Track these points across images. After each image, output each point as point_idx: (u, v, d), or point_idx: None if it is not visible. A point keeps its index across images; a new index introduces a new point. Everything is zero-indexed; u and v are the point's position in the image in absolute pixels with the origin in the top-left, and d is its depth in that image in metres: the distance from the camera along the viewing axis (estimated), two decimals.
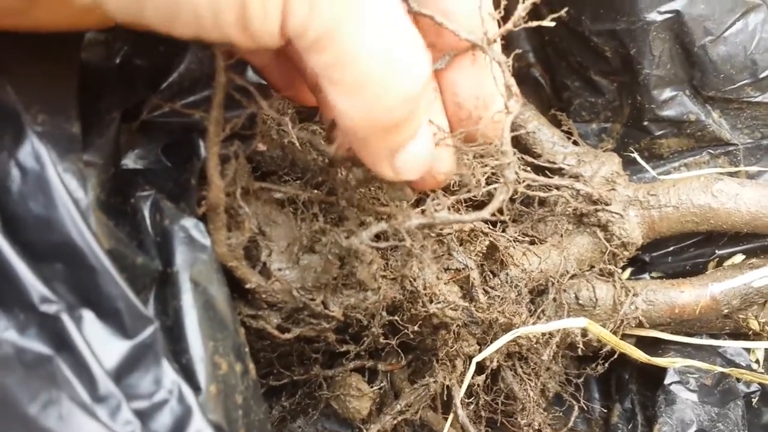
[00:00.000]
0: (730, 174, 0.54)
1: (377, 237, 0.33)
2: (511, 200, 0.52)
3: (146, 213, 0.32)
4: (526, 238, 0.51)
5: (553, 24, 0.36)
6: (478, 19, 0.31)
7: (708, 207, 0.51)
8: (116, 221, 0.31)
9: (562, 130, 0.56)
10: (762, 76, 0.50)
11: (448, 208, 0.34)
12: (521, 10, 0.34)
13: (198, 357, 0.30)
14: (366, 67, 0.25)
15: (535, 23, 0.36)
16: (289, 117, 0.35)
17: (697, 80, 0.52)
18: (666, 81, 0.52)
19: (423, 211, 0.32)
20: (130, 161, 0.34)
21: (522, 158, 0.53)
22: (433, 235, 0.39)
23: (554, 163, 0.54)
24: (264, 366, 0.43)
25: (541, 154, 0.54)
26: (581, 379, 0.55)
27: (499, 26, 0.33)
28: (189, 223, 0.31)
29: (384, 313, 0.37)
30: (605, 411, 0.59)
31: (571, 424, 0.56)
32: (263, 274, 0.34)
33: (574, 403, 0.54)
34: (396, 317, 0.37)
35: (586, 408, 0.58)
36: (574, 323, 0.44)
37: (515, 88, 0.32)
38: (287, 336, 0.35)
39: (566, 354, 0.55)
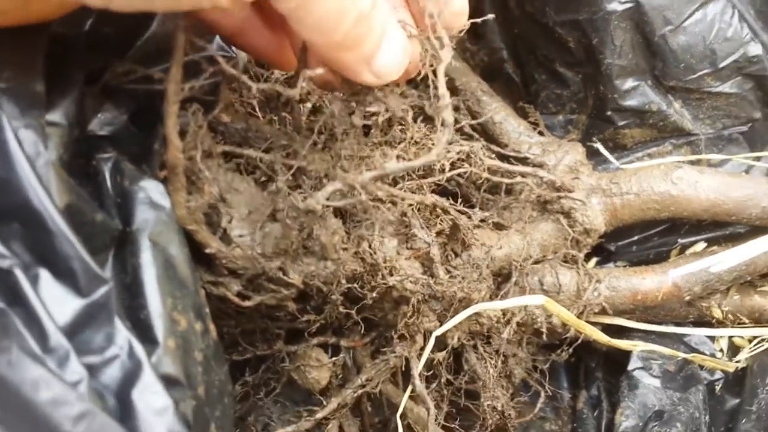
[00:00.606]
0: (692, 163, 0.55)
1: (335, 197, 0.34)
2: (478, 188, 0.53)
3: (107, 174, 0.32)
4: (491, 224, 0.52)
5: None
6: None
7: (668, 194, 0.52)
8: (78, 181, 0.31)
9: (529, 122, 0.58)
10: (721, 65, 0.52)
11: (397, 158, 0.35)
12: None
13: (156, 312, 0.30)
14: (322, 4, 0.30)
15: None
16: (249, 76, 0.36)
17: (658, 70, 0.53)
18: (628, 71, 0.53)
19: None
20: (96, 127, 0.35)
21: (489, 147, 0.54)
22: (393, 207, 0.40)
23: (520, 152, 0.55)
24: (228, 343, 0.43)
25: (508, 144, 0.56)
26: (547, 366, 0.56)
27: None
28: (149, 184, 0.32)
29: (344, 281, 0.37)
30: (573, 399, 0.60)
31: (538, 410, 0.57)
32: (224, 240, 0.35)
33: (541, 390, 0.55)
34: (355, 285, 0.38)
35: (554, 396, 0.59)
36: (532, 300, 0.45)
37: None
38: (247, 303, 0.35)
39: (532, 341, 0.56)
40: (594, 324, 0.56)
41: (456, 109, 0.57)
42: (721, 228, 0.56)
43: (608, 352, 0.58)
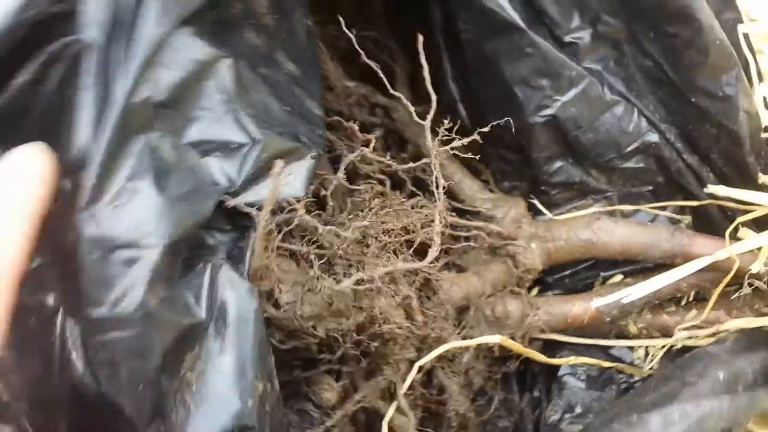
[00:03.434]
0: (609, 213, 0.70)
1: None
2: (442, 234, 0.67)
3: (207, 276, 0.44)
4: (454, 268, 0.66)
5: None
6: None
7: (590, 240, 0.67)
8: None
9: (482, 179, 0.72)
10: (625, 151, 0.67)
11: (404, 260, 0.50)
12: None
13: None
14: None
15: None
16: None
17: (575, 156, 0.68)
18: (552, 157, 0.68)
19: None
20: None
21: (450, 203, 0.68)
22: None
23: (474, 207, 0.69)
24: None
25: (465, 200, 0.70)
26: (499, 375, 0.71)
27: None
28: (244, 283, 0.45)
29: (354, 333, 0.51)
30: (521, 400, 0.75)
31: (493, 411, 0.72)
32: (275, 306, 0.48)
33: (495, 394, 0.70)
34: (362, 336, 0.52)
35: (506, 398, 0.74)
36: (491, 339, 0.59)
37: None
38: (284, 346, 0.49)
39: (488, 355, 0.70)
40: (536, 339, 0.72)
41: (423, 170, 0.70)
42: (634, 264, 0.71)
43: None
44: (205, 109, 0.46)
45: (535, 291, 0.74)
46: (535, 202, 0.70)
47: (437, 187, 0.52)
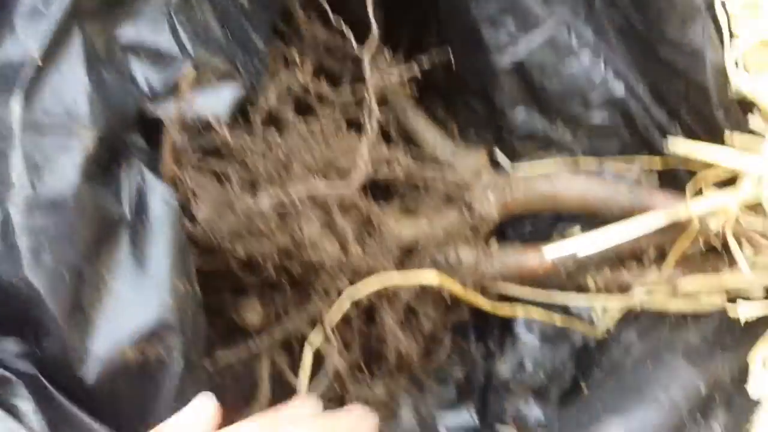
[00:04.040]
0: (571, 167, 0.69)
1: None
2: (399, 182, 0.68)
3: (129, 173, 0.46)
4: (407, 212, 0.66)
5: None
6: None
7: (548, 193, 0.67)
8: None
9: (447, 133, 0.72)
10: (591, 103, 0.66)
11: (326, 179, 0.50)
12: None
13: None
14: None
15: None
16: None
17: (541, 105, 0.67)
18: (517, 106, 0.68)
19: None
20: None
21: (411, 149, 0.68)
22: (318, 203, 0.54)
23: (434, 155, 0.69)
24: None
25: (426, 148, 0.70)
26: (454, 323, 0.71)
27: None
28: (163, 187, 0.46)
29: (276, 256, 0.52)
30: (477, 351, 0.75)
31: (447, 359, 0.72)
32: (192, 221, 0.49)
33: (446, 341, 0.70)
34: (290, 261, 0.53)
35: (462, 348, 0.74)
36: (427, 276, 0.59)
37: None
38: (205, 267, 0.50)
39: (441, 302, 0.70)
40: (492, 293, 0.71)
41: (387, 120, 0.70)
42: (595, 220, 0.70)
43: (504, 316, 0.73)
44: (144, 13, 0.48)
45: (494, 243, 0.74)
46: (497, 152, 0.70)
47: (370, 115, 0.52)
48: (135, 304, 0.43)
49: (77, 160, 0.41)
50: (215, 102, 0.49)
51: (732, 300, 0.60)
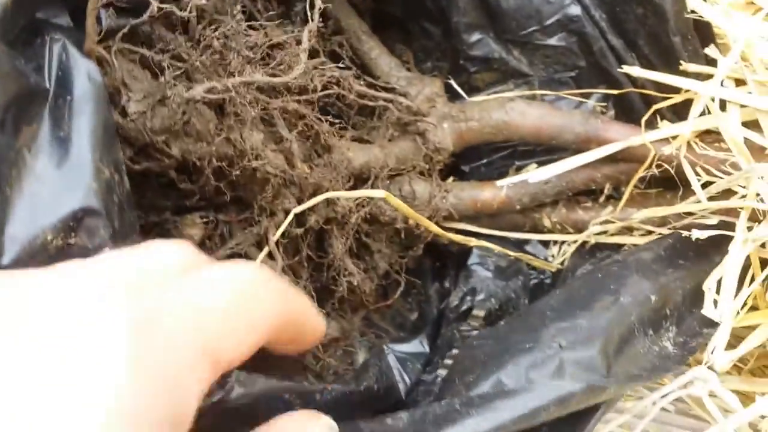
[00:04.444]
0: (527, 98, 0.68)
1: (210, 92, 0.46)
2: (350, 108, 0.65)
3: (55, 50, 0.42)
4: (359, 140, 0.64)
5: None
6: None
7: (501, 120, 0.65)
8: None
9: (402, 60, 0.70)
10: (546, 23, 0.65)
11: (265, 73, 0.48)
12: None
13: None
14: None
15: None
16: None
17: (496, 26, 0.66)
18: (472, 27, 0.66)
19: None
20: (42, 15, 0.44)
21: (363, 78, 0.66)
22: (262, 110, 0.52)
23: (389, 83, 0.67)
24: None
25: (380, 76, 0.68)
26: (405, 260, 0.69)
27: None
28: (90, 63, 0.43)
29: (215, 160, 0.49)
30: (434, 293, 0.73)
31: (400, 297, 0.70)
32: (122, 114, 0.46)
33: (401, 281, 0.68)
34: (225, 164, 0.50)
35: (419, 289, 0.72)
36: (375, 193, 0.57)
37: None
38: (137, 167, 0.47)
39: (396, 240, 0.68)
40: (448, 229, 0.69)
41: (340, 45, 0.68)
42: (550, 153, 0.69)
43: (459, 253, 0.71)
44: None
45: (450, 180, 0.72)
46: (453, 83, 0.68)
47: (312, 8, 0.50)
48: (57, 186, 0.39)
49: None
50: None
51: (687, 229, 0.59)
